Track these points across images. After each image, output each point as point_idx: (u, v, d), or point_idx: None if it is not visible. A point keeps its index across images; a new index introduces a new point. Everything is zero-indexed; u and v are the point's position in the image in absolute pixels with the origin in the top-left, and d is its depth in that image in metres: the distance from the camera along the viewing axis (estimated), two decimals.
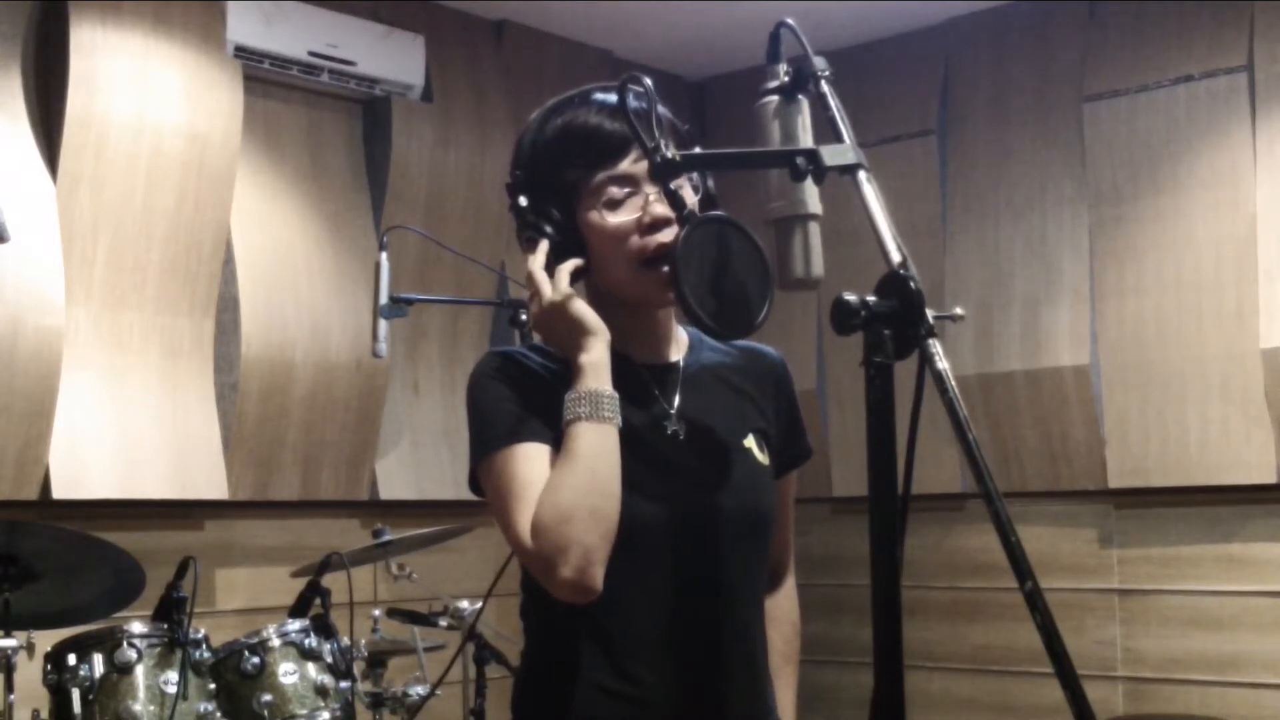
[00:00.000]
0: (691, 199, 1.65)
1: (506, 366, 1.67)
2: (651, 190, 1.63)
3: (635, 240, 1.63)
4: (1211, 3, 4.77)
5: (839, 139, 1.49)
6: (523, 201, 1.66)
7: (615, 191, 1.64)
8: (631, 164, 1.63)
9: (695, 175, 1.67)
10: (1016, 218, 5.17)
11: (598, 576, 1.54)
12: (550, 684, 1.68)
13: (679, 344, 1.77)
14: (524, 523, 1.56)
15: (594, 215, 1.64)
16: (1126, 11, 4.96)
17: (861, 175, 1.44)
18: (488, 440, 1.63)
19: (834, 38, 5.36)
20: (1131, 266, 4.90)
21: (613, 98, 1.65)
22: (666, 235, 1.62)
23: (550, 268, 1.64)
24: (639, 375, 1.68)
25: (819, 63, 1.53)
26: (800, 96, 1.56)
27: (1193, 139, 4.80)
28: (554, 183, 1.66)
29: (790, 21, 1.56)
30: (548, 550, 1.53)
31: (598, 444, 1.57)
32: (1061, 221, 5.07)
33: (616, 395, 1.60)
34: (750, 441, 1.72)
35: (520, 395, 1.64)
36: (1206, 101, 4.78)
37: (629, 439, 1.60)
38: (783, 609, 1.85)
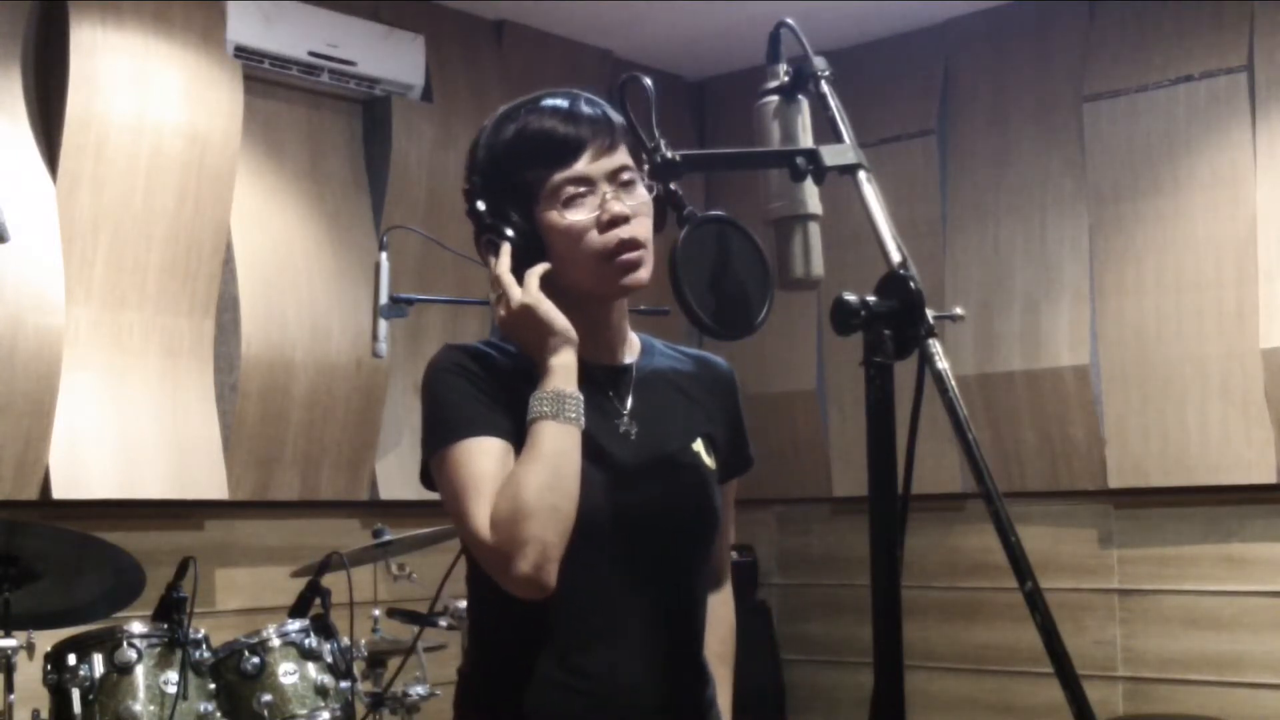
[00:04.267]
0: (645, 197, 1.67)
1: (465, 360, 1.68)
2: (608, 189, 1.65)
3: (595, 236, 1.65)
4: (1211, 3, 4.77)
5: (839, 139, 1.49)
6: (481, 206, 1.68)
7: (572, 191, 1.66)
8: (587, 164, 1.66)
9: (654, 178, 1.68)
10: (1016, 218, 5.17)
11: (553, 574, 1.55)
12: (498, 679, 1.69)
13: (631, 347, 1.79)
14: (481, 516, 1.57)
15: (554, 215, 1.66)
16: (1126, 11, 4.96)
17: (861, 175, 1.45)
18: (444, 434, 1.64)
19: (834, 38, 5.36)
20: (1131, 266, 4.90)
21: (565, 102, 1.69)
22: (626, 231, 1.64)
23: (514, 270, 1.66)
24: (593, 376, 1.69)
25: (819, 63, 1.54)
26: (800, 96, 1.56)
27: (1192, 139, 4.80)
28: (511, 186, 1.68)
29: (790, 21, 1.57)
30: (505, 545, 1.54)
31: (561, 444, 1.59)
32: (1061, 221, 5.07)
33: (581, 397, 1.62)
34: (699, 445, 1.76)
35: (479, 390, 1.65)
36: (1206, 101, 4.78)
37: (583, 437, 1.62)
38: (720, 611, 1.88)
